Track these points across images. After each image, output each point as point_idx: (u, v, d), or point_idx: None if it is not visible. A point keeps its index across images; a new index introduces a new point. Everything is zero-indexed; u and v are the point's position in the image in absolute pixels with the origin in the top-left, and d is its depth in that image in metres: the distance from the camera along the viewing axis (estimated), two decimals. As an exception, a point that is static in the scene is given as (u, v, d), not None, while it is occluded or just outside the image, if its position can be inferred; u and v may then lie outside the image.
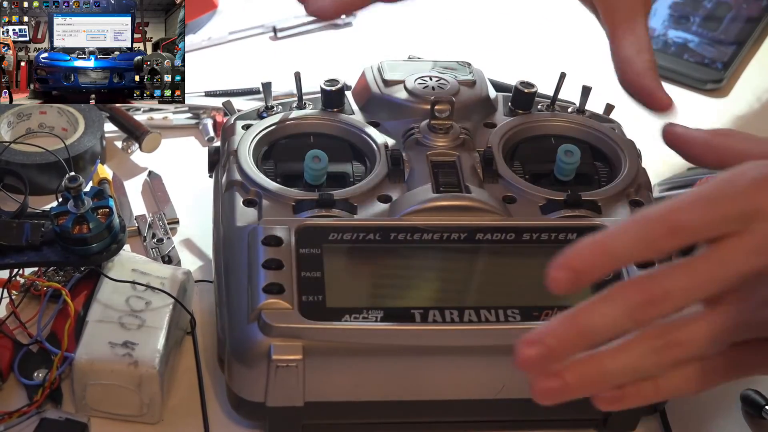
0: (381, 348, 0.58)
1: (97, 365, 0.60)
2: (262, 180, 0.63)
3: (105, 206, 0.64)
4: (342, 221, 0.61)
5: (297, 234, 0.60)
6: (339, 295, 0.58)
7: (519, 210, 0.63)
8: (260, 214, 0.62)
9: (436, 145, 0.66)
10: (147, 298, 0.64)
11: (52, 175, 0.74)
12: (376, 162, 0.65)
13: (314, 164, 0.63)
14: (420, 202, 0.62)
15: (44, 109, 0.79)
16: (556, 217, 0.63)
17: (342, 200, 0.62)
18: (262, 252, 0.59)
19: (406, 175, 0.64)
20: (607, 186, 0.66)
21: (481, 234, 0.61)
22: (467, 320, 0.57)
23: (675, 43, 0.94)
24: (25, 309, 0.67)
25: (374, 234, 0.60)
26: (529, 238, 0.61)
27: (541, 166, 0.67)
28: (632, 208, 0.64)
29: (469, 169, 0.65)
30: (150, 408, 0.61)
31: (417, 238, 0.60)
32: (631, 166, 0.67)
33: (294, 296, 0.57)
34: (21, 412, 0.61)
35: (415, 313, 0.58)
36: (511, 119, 0.69)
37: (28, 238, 0.63)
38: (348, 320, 0.57)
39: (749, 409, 0.64)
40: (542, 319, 0.58)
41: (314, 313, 0.57)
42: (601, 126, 0.70)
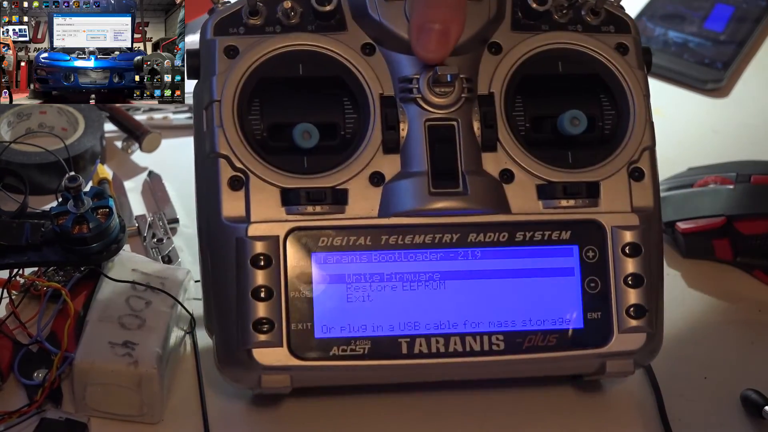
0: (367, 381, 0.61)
1: (97, 365, 0.60)
2: (248, 160, 0.59)
3: (105, 206, 0.64)
4: (332, 221, 0.59)
5: (285, 242, 0.58)
6: (326, 320, 0.58)
7: (514, 193, 0.60)
8: (247, 204, 0.58)
9: (435, 106, 0.60)
10: (147, 298, 0.64)
11: (52, 175, 0.74)
12: (370, 118, 0.60)
13: (304, 141, 0.59)
14: (415, 206, 0.59)
15: (44, 109, 0.80)
16: (552, 209, 0.60)
17: (332, 189, 0.59)
18: (251, 277, 0.58)
19: (401, 144, 0.60)
20: (606, 161, 0.61)
21: (473, 235, 0.60)
22: (452, 351, 0.59)
23: (675, 43, 0.94)
24: (25, 309, 0.67)
25: (365, 238, 0.59)
26: (522, 239, 0.60)
27: (545, 107, 0.62)
28: (631, 180, 0.61)
29: (468, 134, 0.60)
30: (150, 408, 0.61)
31: (408, 242, 0.59)
32: (638, 125, 0.62)
33: (283, 329, 0.58)
34: (21, 412, 0.61)
35: (401, 343, 0.58)
36: (516, 48, 0.62)
37: (28, 238, 0.63)
38: (336, 354, 0.58)
39: (749, 409, 0.64)
40: (525, 347, 0.59)
41: (302, 347, 0.58)
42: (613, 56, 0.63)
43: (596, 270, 0.60)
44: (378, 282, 0.59)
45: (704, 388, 0.66)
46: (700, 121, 0.89)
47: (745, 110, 0.91)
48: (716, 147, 0.85)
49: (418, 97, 0.60)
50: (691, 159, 0.81)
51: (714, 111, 0.90)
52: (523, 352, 0.59)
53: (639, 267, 0.60)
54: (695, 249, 0.75)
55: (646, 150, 0.61)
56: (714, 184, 0.76)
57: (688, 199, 0.76)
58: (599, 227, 0.60)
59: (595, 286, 0.60)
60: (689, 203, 0.75)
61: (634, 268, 0.60)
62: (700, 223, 0.74)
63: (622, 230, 0.60)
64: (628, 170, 0.61)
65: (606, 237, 0.60)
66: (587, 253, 0.60)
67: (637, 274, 0.60)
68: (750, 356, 0.69)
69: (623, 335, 0.59)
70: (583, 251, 0.60)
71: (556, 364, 0.60)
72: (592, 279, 0.60)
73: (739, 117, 0.90)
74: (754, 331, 0.71)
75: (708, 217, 0.74)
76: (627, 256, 0.60)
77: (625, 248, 0.60)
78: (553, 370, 0.62)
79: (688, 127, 0.88)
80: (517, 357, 0.59)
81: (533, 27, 0.63)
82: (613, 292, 0.60)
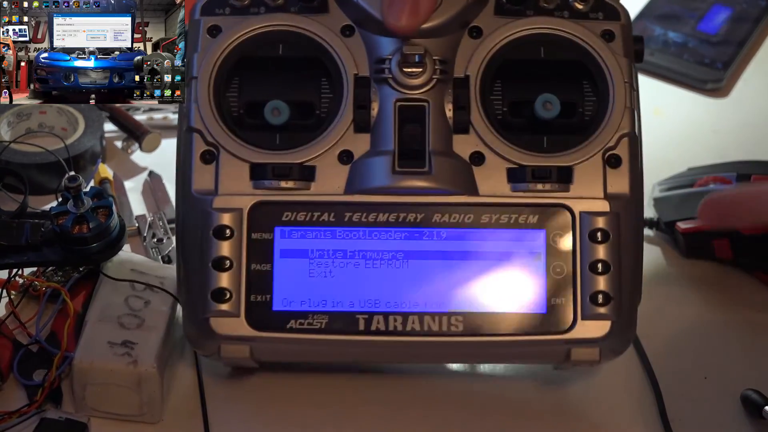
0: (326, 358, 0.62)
1: (97, 365, 0.60)
2: (220, 135, 0.60)
3: (105, 206, 0.64)
4: (297, 196, 0.59)
5: (250, 215, 0.59)
6: (285, 293, 0.59)
7: (484, 175, 0.60)
8: (217, 178, 0.60)
9: (407, 87, 0.60)
10: (146, 297, 0.64)
11: (52, 175, 0.74)
12: (343, 98, 0.61)
13: (273, 117, 0.60)
14: (378, 184, 0.59)
15: (44, 109, 0.80)
16: (521, 192, 0.60)
17: (299, 165, 0.60)
18: (213, 247, 0.58)
19: (372, 123, 0.60)
20: (581, 146, 0.60)
21: (438, 215, 0.60)
22: (410, 330, 0.59)
23: (675, 43, 0.94)
24: (24, 309, 0.67)
25: (329, 214, 0.59)
26: (488, 221, 0.59)
27: (523, 92, 0.62)
28: (607, 167, 0.60)
29: (439, 117, 0.60)
30: (150, 408, 0.61)
31: (372, 220, 0.59)
32: (615, 111, 0.61)
33: (242, 299, 0.58)
34: (21, 412, 0.61)
35: (359, 319, 0.59)
36: (496, 32, 0.62)
37: (28, 238, 0.63)
38: (293, 327, 0.58)
39: (749, 409, 0.64)
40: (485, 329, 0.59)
41: (260, 319, 0.58)
42: (596, 42, 0.62)
43: (562, 255, 0.59)
44: (341, 258, 0.59)
45: (704, 388, 0.66)
46: (700, 121, 0.89)
47: (745, 110, 0.91)
48: (716, 147, 0.85)
49: (390, 78, 0.60)
50: (691, 159, 0.81)
51: (714, 111, 0.90)
52: (482, 335, 0.59)
53: (607, 254, 0.59)
54: (695, 249, 0.75)
55: (625, 137, 0.60)
56: (714, 184, 0.76)
57: (688, 199, 0.76)
58: (568, 212, 0.59)
59: (560, 271, 0.59)
60: (689, 203, 0.75)
61: (601, 255, 0.59)
62: (700, 223, 0.74)
63: (592, 216, 0.59)
64: (604, 156, 0.60)
65: (575, 222, 0.59)
66: (554, 237, 0.59)
67: (604, 260, 0.59)
68: (750, 356, 0.69)
69: (587, 322, 0.59)
70: (551, 236, 0.59)
71: (518, 349, 0.60)
72: (558, 264, 0.59)
73: (739, 117, 0.90)
74: (754, 331, 0.71)
75: (708, 217, 0.74)
76: (595, 243, 0.59)
77: (595, 234, 0.59)
78: (516, 356, 0.62)
79: (687, 127, 0.88)
80: (476, 339, 0.59)
81: (517, 12, 0.63)
82: (579, 278, 0.59)
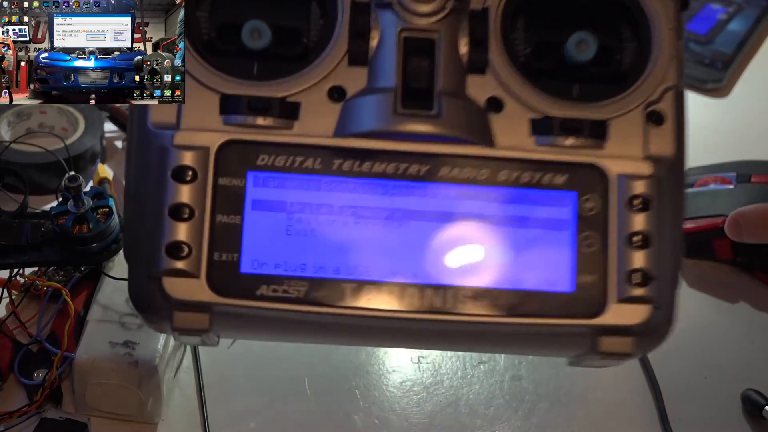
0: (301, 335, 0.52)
1: (98, 365, 0.60)
2: (186, 58, 0.52)
3: (105, 206, 0.64)
4: (276, 137, 0.50)
5: (218, 155, 0.49)
6: (257, 253, 0.49)
7: (503, 124, 0.50)
8: (179, 109, 0.51)
9: (415, 14, 0.51)
10: (147, 297, 0.64)
11: (52, 175, 0.74)
12: (336, 23, 0.51)
13: (253, 41, 0.51)
14: (375, 126, 0.50)
15: (44, 109, 0.79)
16: (546, 147, 0.51)
17: (280, 99, 0.50)
18: (171, 191, 0.49)
19: (370, 55, 0.51)
20: (618, 97, 0.52)
21: (446, 169, 0.50)
22: (407, 304, 0.49)
23: (675, 43, 0.94)
24: (25, 309, 0.67)
25: (314, 160, 0.49)
26: (506, 179, 0.50)
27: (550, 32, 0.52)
28: (648, 123, 0.51)
29: (451, 53, 0.51)
30: (150, 408, 0.61)
31: (366, 170, 0.49)
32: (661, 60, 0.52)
33: (203, 257, 0.48)
34: (21, 412, 0.61)
35: (345, 288, 0.49)
36: None
37: (28, 238, 0.63)
38: (264, 294, 0.48)
39: (749, 409, 0.65)
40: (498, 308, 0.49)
41: (224, 283, 0.48)
42: None
43: (595, 224, 0.50)
44: (326, 214, 0.50)
45: (704, 388, 0.66)
46: (700, 121, 0.89)
47: (745, 110, 0.91)
48: (716, 147, 0.85)
49: (395, 2, 0.51)
50: (691, 159, 0.81)
51: (714, 111, 0.90)
52: (494, 315, 0.49)
53: (648, 225, 0.49)
54: (695, 249, 0.75)
55: (670, 90, 0.52)
56: (714, 184, 0.76)
57: (688, 199, 0.76)
58: (602, 174, 0.50)
59: (591, 243, 0.50)
60: (689, 203, 0.75)
61: (641, 226, 0.49)
62: (700, 223, 0.74)
63: (630, 179, 0.50)
64: (645, 111, 0.51)
65: (610, 186, 0.50)
66: (585, 203, 0.50)
67: (645, 232, 0.49)
68: (750, 356, 0.69)
69: (621, 305, 0.49)
70: (581, 200, 0.50)
71: (537, 335, 0.50)
72: (589, 235, 0.50)
73: (739, 117, 0.90)
74: (754, 331, 0.71)
75: (708, 217, 0.74)
76: (634, 211, 0.50)
77: (633, 201, 0.50)
78: (532, 344, 0.52)
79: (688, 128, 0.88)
80: (486, 319, 0.49)
81: None
82: (614, 253, 0.49)
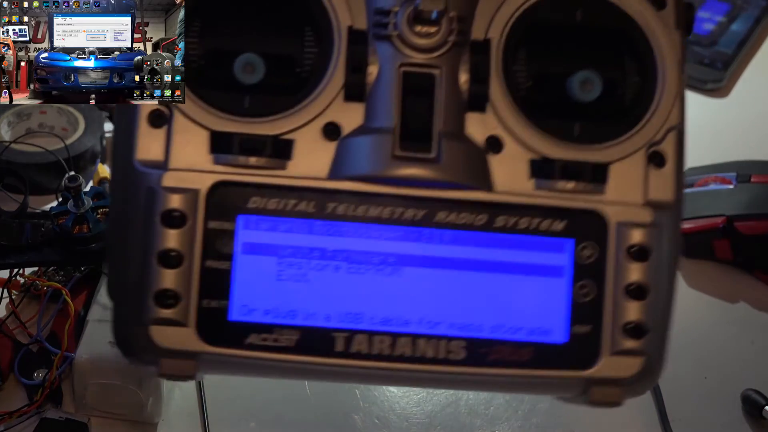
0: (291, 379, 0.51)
1: (98, 364, 0.60)
2: None
3: (105, 206, 0.64)
4: (268, 178, 0.48)
5: (208, 197, 0.47)
6: (246, 299, 0.48)
7: (502, 166, 0.49)
8: (168, 147, 0.48)
9: (415, 48, 0.48)
10: (147, 297, 0.64)
11: (52, 175, 0.74)
12: (332, 55, 0.49)
13: (246, 75, 0.49)
14: (372, 170, 0.48)
15: (44, 109, 0.80)
16: (545, 191, 0.49)
17: (273, 137, 0.48)
18: (159, 236, 0.47)
19: (367, 90, 0.48)
20: (622, 138, 0.50)
21: (443, 214, 0.48)
22: (399, 354, 0.48)
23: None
24: (25, 309, 0.67)
25: (307, 203, 0.48)
26: (503, 225, 0.48)
27: (553, 64, 0.50)
28: (650, 166, 0.50)
29: (452, 88, 0.49)
30: (150, 408, 0.61)
31: (360, 214, 0.48)
32: (666, 97, 0.50)
33: (191, 305, 0.47)
34: (21, 412, 0.61)
35: (337, 337, 0.48)
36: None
37: (28, 238, 0.63)
38: (254, 344, 0.47)
39: (749, 409, 0.65)
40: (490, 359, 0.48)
41: (213, 330, 0.47)
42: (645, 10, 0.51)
43: (591, 273, 0.49)
44: (318, 259, 0.48)
45: (704, 388, 0.66)
46: (700, 121, 0.89)
47: (745, 110, 0.91)
48: (716, 147, 0.85)
49: (395, 35, 0.48)
50: (691, 159, 0.81)
51: (714, 111, 0.90)
52: (486, 366, 0.48)
53: (645, 275, 0.49)
54: (695, 249, 0.75)
55: (672, 130, 0.50)
56: (714, 184, 0.76)
57: (688, 199, 0.76)
58: (602, 220, 0.49)
59: (587, 293, 0.49)
60: (689, 203, 0.75)
61: (639, 276, 0.48)
62: (700, 223, 0.74)
63: (630, 227, 0.49)
64: (647, 153, 0.50)
65: (609, 233, 0.49)
66: (583, 250, 0.49)
67: (643, 283, 0.48)
68: (750, 356, 0.69)
69: (614, 358, 0.48)
70: (579, 248, 0.49)
71: (528, 385, 0.50)
72: (585, 283, 0.49)
73: (739, 117, 0.90)
74: (754, 331, 0.71)
75: (708, 217, 0.74)
76: (632, 260, 0.49)
77: (631, 250, 0.48)
78: (523, 389, 0.53)
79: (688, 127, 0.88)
80: (478, 370, 0.48)
81: None
82: (610, 304, 0.49)
